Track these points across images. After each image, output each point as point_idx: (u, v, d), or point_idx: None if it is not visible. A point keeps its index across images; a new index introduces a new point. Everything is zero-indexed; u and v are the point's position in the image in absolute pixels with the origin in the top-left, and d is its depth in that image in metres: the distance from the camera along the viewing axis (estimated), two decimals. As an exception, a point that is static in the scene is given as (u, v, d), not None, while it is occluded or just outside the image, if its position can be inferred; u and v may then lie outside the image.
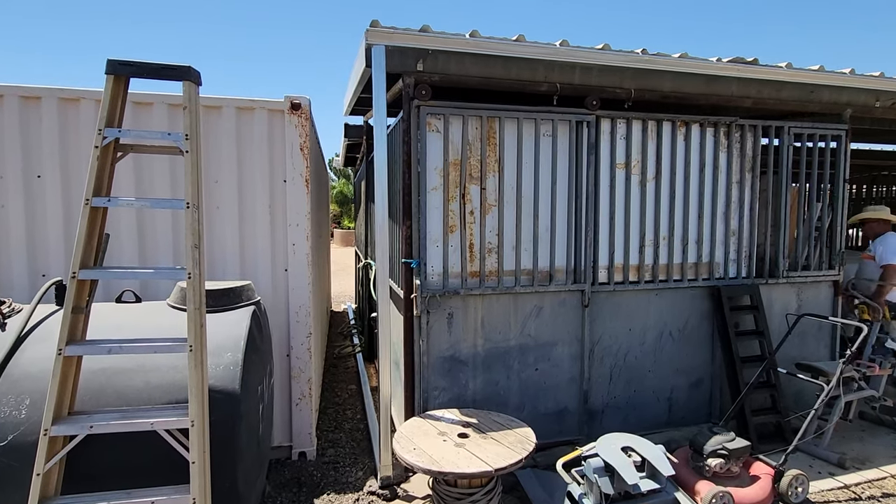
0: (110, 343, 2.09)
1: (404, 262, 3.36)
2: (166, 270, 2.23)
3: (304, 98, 3.46)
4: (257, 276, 3.48)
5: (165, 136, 2.23)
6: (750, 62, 3.71)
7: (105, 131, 2.17)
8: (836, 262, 4.40)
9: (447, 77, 3.29)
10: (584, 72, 3.51)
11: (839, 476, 3.44)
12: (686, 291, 4.02)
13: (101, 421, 2.06)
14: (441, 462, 2.46)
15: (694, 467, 3.23)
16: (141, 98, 3.24)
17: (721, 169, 4.02)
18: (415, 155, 3.31)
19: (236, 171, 3.43)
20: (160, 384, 2.27)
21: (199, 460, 2.11)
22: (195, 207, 2.19)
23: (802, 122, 4.20)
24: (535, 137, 3.53)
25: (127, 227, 3.29)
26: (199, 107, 2.27)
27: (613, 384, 3.90)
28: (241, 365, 2.39)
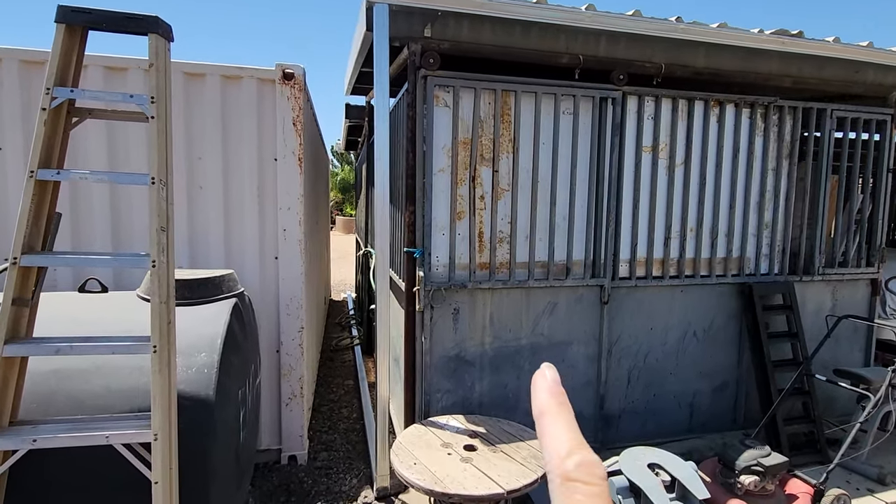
0: (59, 342, 1.77)
1: (407, 252, 3.03)
2: (127, 257, 1.91)
3: (297, 67, 3.11)
4: (244, 265, 3.16)
5: (127, 98, 1.88)
6: (795, 35, 3.33)
7: (54, 91, 1.83)
8: (876, 258, 4.05)
9: (458, 44, 2.93)
10: (611, 42, 3.14)
11: (879, 493, 3.13)
12: (713, 288, 3.69)
13: (48, 433, 1.75)
14: (445, 481, 2.15)
15: (723, 483, 2.92)
16: (115, 63, 2.89)
17: (756, 155, 3.66)
18: (420, 132, 2.96)
19: (221, 147, 3.09)
20: (121, 389, 1.95)
21: (163, 480, 1.80)
22: (162, 183, 1.86)
23: (846, 105, 3.82)
24: (555, 115, 3.17)
25: (100, 207, 2.96)
26: (169, 65, 1.93)
27: (632, 387, 3.59)
28: (216, 367, 2.07)
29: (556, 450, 0.29)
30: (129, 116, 2.06)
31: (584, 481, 0.27)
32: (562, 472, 0.28)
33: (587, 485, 0.27)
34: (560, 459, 0.28)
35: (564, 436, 0.30)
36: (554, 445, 0.29)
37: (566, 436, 0.30)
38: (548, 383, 0.34)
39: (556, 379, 0.34)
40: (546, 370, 0.35)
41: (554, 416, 0.31)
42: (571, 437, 0.30)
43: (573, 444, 0.29)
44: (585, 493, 0.27)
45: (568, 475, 0.28)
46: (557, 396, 0.32)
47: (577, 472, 0.28)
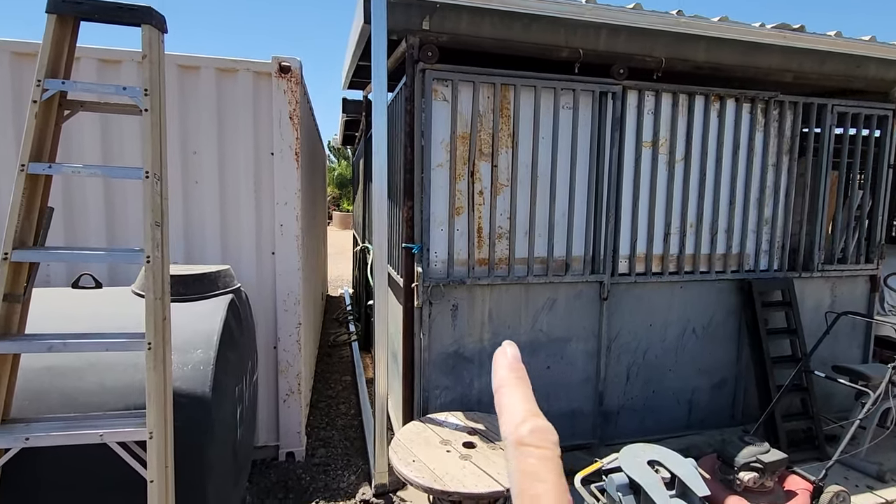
0: (51, 339, 1.74)
1: (405, 247, 3.00)
2: (121, 253, 1.88)
3: (294, 60, 3.07)
4: (241, 260, 3.12)
5: (120, 90, 1.84)
6: (796, 29, 3.30)
7: (46, 83, 1.79)
8: (875, 255, 4.04)
9: (456, 37, 2.90)
10: (611, 35, 3.10)
11: (878, 490, 3.13)
12: (713, 284, 3.67)
13: (41, 431, 1.72)
14: (444, 479, 2.14)
15: (722, 480, 2.91)
16: (108, 55, 2.84)
17: (756, 150, 3.64)
18: (418, 126, 2.93)
19: (216, 141, 3.04)
20: (116, 386, 1.92)
21: (158, 478, 1.77)
22: (156, 178, 1.83)
23: (847, 101, 3.80)
24: (554, 109, 3.14)
25: (94, 201, 2.91)
26: (163, 57, 1.89)
27: (630, 384, 3.58)
28: (213, 364, 2.05)
29: (511, 418, 0.31)
30: (123, 109, 2.02)
31: (536, 445, 0.29)
32: (516, 438, 0.29)
33: (539, 448, 0.29)
34: (515, 426, 0.30)
35: (520, 406, 0.32)
36: (510, 414, 0.31)
37: (522, 406, 0.32)
38: (508, 359, 0.35)
39: (516, 356, 0.35)
40: (507, 347, 0.36)
41: (512, 388, 0.33)
42: (526, 407, 0.31)
43: (527, 413, 0.31)
44: (538, 456, 0.29)
45: (521, 440, 0.29)
46: (516, 371, 0.34)
47: (531, 437, 0.29)
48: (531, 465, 0.28)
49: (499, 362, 0.35)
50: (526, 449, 0.29)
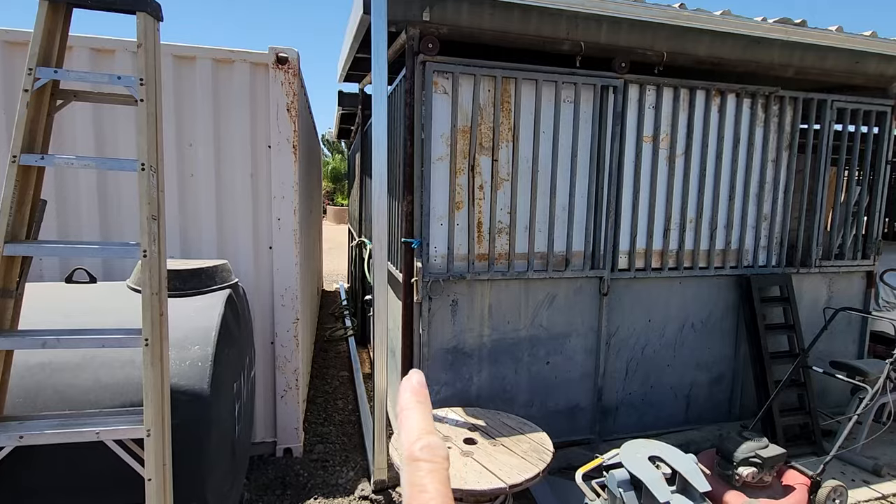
0: (45, 335, 1.70)
1: (405, 242, 2.97)
2: (117, 247, 1.83)
3: (291, 51, 3.01)
4: (237, 255, 3.08)
5: (115, 79, 1.80)
6: (798, 24, 3.29)
7: (38, 71, 1.74)
8: (872, 250, 4.05)
9: (457, 29, 2.86)
10: (612, 28, 3.07)
11: (874, 485, 3.15)
12: (712, 280, 3.67)
13: (35, 430, 1.68)
14: (446, 475, 2.12)
15: (721, 475, 2.92)
16: (101, 44, 2.78)
17: (756, 145, 3.63)
18: (418, 119, 2.89)
19: (213, 133, 2.99)
20: (112, 383, 1.89)
21: (156, 476, 1.74)
22: (153, 170, 1.79)
23: (846, 96, 3.79)
24: (556, 103, 3.11)
25: (87, 194, 2.86)
26: (158, 46, 1.84)
27: (629, 379, 3.58)
28: (211, 360, 2.01)
29: (407, 437, 0.33)
30: (117, 99, 1.97)
31: (426, 460, 0.31)
32: (408, 454, 0.32)
33: (429, 462, 0.31)
34: (409, 444, 0.32)
35: (417, 425, 0.34)
36: (407, 433, 0.33)
37: (418, 425, 0.34)
38: (412, 385, 0.37)
39: (420, 382, 0.38)
40: (413, 375, 0.39)
41: (412, 410, 0.35)
42: (422, 427, 0.34)
43: (422, 432, 0.33)
44: (427, 469, 0.31)
45: (413, 455, 0.31)
46: (418, 395, 0.36)
47: (421, 453, 0.32)
48: (419, 477, 0.30)
49: (404, 387, 0.37)
50: (416, 463, 0.31)
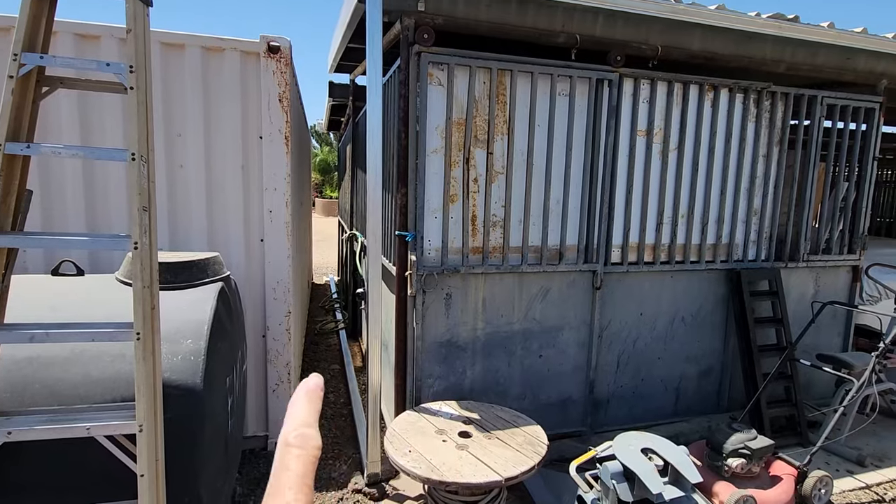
0: (33, 328, 1.66)
1: (398, 235, 2.95)
2: (106, 239, 1.79)
3: (283, 39, 2.96)
4: (228, 247, 3.03)
5: (103, 66, 1.74)
6: (791, 19, 3.31)
7: (23, 57, 1.68)
8: (858, 245, 4.12)
9: (453, 20, 2.82)
10: (608, 21, 3.06)
11: (859, 475, 3.23)
12: (702, 274, 3.71)
13: (23, 425, 1.65)
14: (441, 469, 2.12)
15: (710, 466, 2.96)
16: (86, 30, 2.70)
17: (748, 141, 3.66)
18: (413, 111, 2.86)
19: (202, 124, 2.93)
20: (102, 377, 1.85)
21: (149, 472, 1.72)
22: (143, 160, 1.74)
23: (836, 93, 3.83)
24: (551, 96, 3.10)
25: (73, 184, 2.79)
26: (148, 32, 1.78)
27: (620, 372, 3.61)
28: (203, 354, 1.98)
29: (288, 424, 0.36)
30: (105, 87, 1.92)
31: (296, 446, 0.34)
32: (283, 439, 0.35)
33: (298, 448, 0.34)
34: (287, 432, 0.35)
35: (299, 417, 0.36)
36: (289, 421, 0.36)
37: (300, 417, 0.36)
38: (308, 385, 0.39)
39: (318, 385, 0.40)
40: (312, 377, 0.41)
41: (300, 403, 0.38)
42: (303, 419, 0.36)
43: (301, 424, 0.36)
44: (295, 454, 0.33)
45: (287, 441, 0.34)
46: (310, 394, 0.38)
47: (294, 440, 0.34)
48: (287, 459, 0.33)
49: (301, 386, 0.40)
50: (288, 448, 0.34)
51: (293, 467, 0.32)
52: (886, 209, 8.15)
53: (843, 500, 2.98)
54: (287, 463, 0.32)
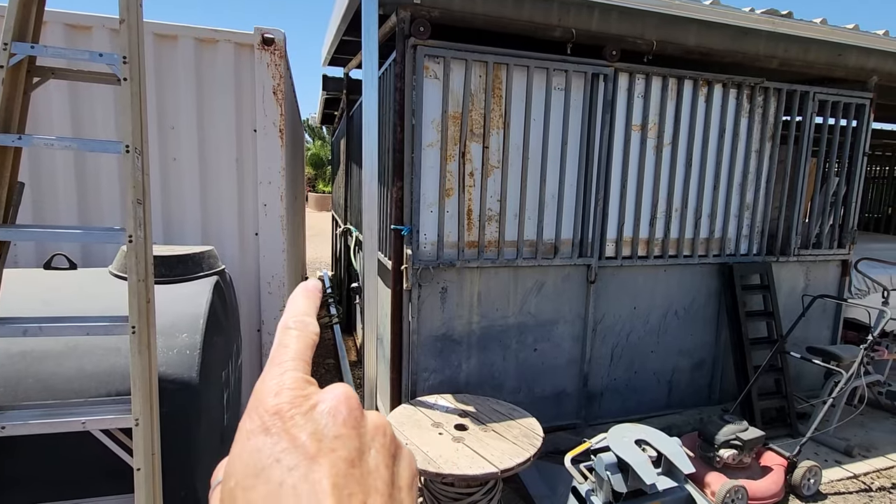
0: (26, 322, 1.64)
1: (394, 229, 2.95)
2: (100, 232, 1.77)
3: (278, 31, 2.93)
4: (222, 241, 3.01)
5: (96, 57, 1.72)
6: (784, 15, 3.33)
7: (13, 46, 1.65)
8: (848, 240, 4.18)
9: (449, 13, 2.81)
10: (603, 16, 3.06)
11: (847, 465, 3.29)
12: (695, 268, 3.74)
13: (17, 420, 1.63)
14: (438, 461, 2.13)
15: (703, 457, 3.01)
16: (77, 20, 2.66)
17: (741, 136, 3.69)
18: (409, 104, 2.85)
19: (196, 116, 2.90)
20: (97, 371, 1.84)
21: (145, 466, 1.71)
22: (137, 152, 1.72)
23: (828, 89, 3.87)
24: (546, 90, 3.10)
25: (65, 177, 2.75)
26: (142, 22, 1.76)
27: (614, 365, 3.64)
28: (199, 348, 1.97)
29: (287, 314, 0.36)
30: (98, 78, 1.89)
31: (296, 328, 0.34)
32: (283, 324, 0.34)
33: (298, 330, 0.34)
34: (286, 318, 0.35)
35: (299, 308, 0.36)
36: (290, 310, 0.36)
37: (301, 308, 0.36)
38: (306, 285, 0.39)
39: (316, 286, 0.39)
40: (310, 280, 0.43)
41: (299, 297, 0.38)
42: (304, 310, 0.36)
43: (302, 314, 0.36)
44: (294, 335, 0.33)
45: (286, 325, 0.34)
46: (308, 292, 0.38)
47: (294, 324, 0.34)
48: (287, 339, 0.33)
49: (299, 286, 0.40)
50: (287, 330, 0.34)
51: (292, 345, 0.32)
52: (875, 205, 8.26)
53: (831, 490, 3.04)
54: (286, 342, 0.32)
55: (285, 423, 0.27)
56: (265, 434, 0.27)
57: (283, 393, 0.29)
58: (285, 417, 0.27)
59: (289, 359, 0.31)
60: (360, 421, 0.29)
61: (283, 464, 0.26)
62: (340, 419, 0.28)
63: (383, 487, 0.27)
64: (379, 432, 0.30)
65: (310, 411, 0.28)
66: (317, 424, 0.27)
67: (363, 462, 0.27)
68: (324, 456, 0.26)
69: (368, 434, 0.29)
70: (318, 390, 0.30)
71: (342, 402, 0.29)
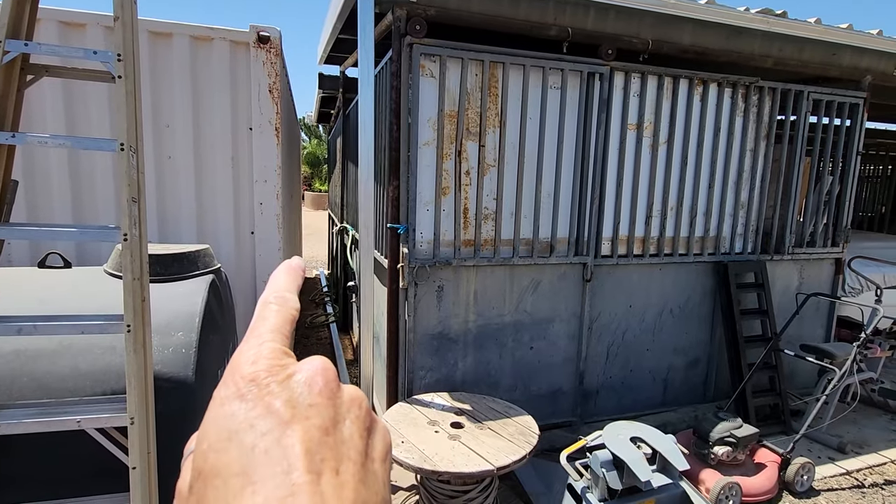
0: (21, 321, 1.63)
1: (390, 228, 2.95)
2: (95, 230, 1.76)
3: (273, 29, 2.92)
4: (218, 240, 3.01)
5: (91, 54, 1.71)
6: (779, 14, 3.34)
7: (7, 43, 1.64)
8: (841, 238, 4.21)
9: (445, 11, 2.81)
10: (600, 15, 3.07)
11: (840, 461, 3.31)
12: (690, 267, 3.76)
13: (12, 419, 1.63)
14: (434, 459, 2.14)
15: (697, 454, 3.03)
16: (71, 17, 2.65)
17: (736, 135, 3.70)
18: (405, 103, 2.85)
19: (191, 114, 2.90)
20: (92, 370, 1.83)
21: (141, 465, 1.71)
22: (132, 150, 1.72)
23: (822, 88, 3.89)
24: (543, 89, 3.10)
25: (59, 175, 2.74)
26: (136, 19, 1.75)
27: (610, 363, 3.65)
28: (195, 346, 1.97)
29: (268, 290, 0.36)
30: (92, 75, 1.89)
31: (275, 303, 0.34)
32: (263, 300, 0.34)
33: (277, 305, 0.34)
34: (267, 294, 0.35)
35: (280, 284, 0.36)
36: (268, 289, 0.36)
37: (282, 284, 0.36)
38: (289, 262, 0.39)
39: (299, 264, 0.39)
40: (294, 258, 0.41)
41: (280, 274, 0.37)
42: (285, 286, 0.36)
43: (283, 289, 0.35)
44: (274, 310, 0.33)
45: (266, 300, 0.34)
46: (290, 269, 0.38)
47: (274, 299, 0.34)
48: (267, 312, 0.33)
49: (283, 264, 0.39)
50: (267, 305, 0.34)
51: (271, 318, 0.32)
52: (869, 203, 8.32)
53: (824, 486, 3.06)
54: (265, 315, 0.32)
55: (261, 389, 0.27)
56: (240, 400, 0.27)
57: (260, 362, 0.29)
58: (261, 385, 0.27)
59: (267, 330, 0.31)
60: (335, 392, 0.29)
61: (256, 429, 0.26)
62: (316, 389, 0.28)
63: (356, 456, 0.27)
64: (354, 404, 0.30)
65: (286, 380, 0.28)
66: (292, 392, 0.27)
67: (337, 431, 0.27)
68: (298, 422, 0.26)
69: (344, 405, 0.29)
70: (295, 362, 0.30)
71: (319, 372, 0.29)
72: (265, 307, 0.33)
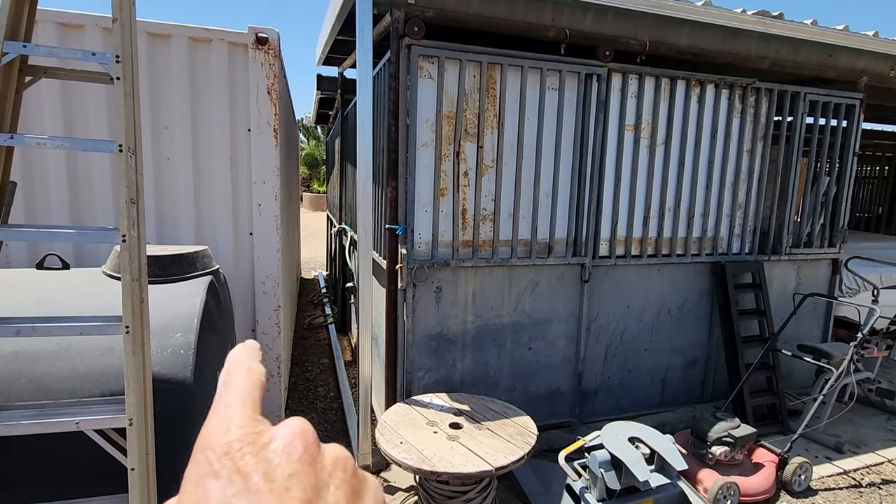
0: (20, 322, 1.63)
1: (389, 229, 2.95)
2: (93, 231, 1.76)
3: (272, 31, 2.93)
4: (217, 241, 3.01)
5: (89, 56, 1.71)
6: (776, 16, 3.36)
7: (5, 45, 1.65)
8: (838, 239, 4.22)
9: (443, 13, 2.82)
10: (597, 16, 3.08)
11: (837, 461, 3.32)
12: (688, 267, 3.77)
13: (10, 420, 1.63)
14: (433, 459, 2.14)
15: (695, 454, 3.04)
16: (69, 19, 2.65)
17: (733, 136, 3.72)
18: (403, 104, 2.86)
19: (189, 116, 2.90)
20: (90, 372, 1.83)
21: (139, 466, 1.71)
22: (131, 152, 1.72)
23: (818, 89, 3.91)
24: (540, 90, 3.11)
25: (56, 176, 2.74)
26: (135, 21, 1.76)
27: (608, 364, 3.66)
28: (193, 348, 1.97)
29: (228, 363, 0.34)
30: (90, 77, 1.89)
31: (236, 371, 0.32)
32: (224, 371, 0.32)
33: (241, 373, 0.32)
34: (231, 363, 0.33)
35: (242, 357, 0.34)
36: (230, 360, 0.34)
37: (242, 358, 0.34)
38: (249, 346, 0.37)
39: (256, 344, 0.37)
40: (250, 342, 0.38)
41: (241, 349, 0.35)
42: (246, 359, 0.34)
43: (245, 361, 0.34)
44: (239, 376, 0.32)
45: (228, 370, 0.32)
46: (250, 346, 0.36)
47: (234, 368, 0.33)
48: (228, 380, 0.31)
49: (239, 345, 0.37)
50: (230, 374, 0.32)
51: (238, 385, 0.30)
52: (866, 204, 8.34)
53: (821, 486, 3.07)
54: (231, 383, 0.31)
55: (235, 463, 0.26)
56: (214, 478, 0.25)
57: (233, 431, 0.27)
58: (236, 458, 0.26)
59: (236, 397, 0.29)
60: (315, 457, 0.27)
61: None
62: (296, 456, 0.26)
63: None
64: (338, 467, 0.28)
65: (262, 450, 0.26)
66: (269, 464, 0.26)
67: (320, 500, 0.26)
68: (277, 496, 0.25)
69: (326, 470, 0.27)
70: (269, 427, 0.28)
71: (297, 437, 0.27)
72: (229, 376, 0.32)
